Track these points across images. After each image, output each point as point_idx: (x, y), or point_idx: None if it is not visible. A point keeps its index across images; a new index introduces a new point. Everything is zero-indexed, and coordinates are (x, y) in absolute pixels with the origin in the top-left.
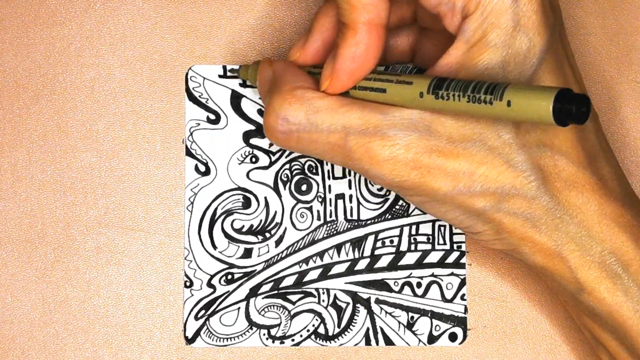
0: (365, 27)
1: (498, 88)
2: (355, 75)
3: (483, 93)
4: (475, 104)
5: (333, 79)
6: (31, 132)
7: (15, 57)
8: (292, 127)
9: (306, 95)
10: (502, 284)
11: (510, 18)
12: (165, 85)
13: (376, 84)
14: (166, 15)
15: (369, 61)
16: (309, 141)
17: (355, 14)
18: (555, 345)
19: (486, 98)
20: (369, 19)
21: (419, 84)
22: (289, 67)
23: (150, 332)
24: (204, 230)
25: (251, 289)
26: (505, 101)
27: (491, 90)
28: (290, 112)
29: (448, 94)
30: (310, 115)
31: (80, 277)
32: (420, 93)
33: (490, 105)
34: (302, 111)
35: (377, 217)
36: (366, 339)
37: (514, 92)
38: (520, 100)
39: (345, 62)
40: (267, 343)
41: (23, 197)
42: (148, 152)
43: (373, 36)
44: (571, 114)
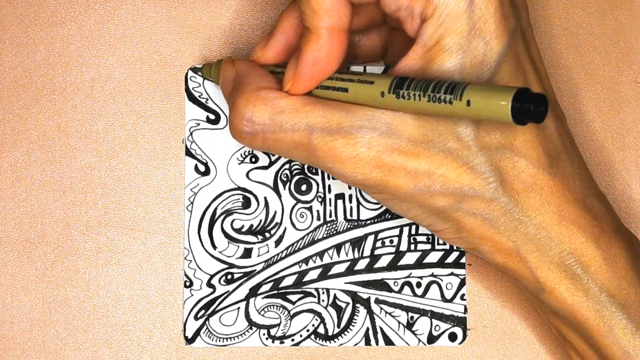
0: (327, 32)
1: (458, 88)
2: (317, 78)
3: (443, 92)
4: (436, 104)
5: (295, 81)
6: (31, 132)
7: (15, 57)
8: (257, 128)
9: (270, 96)
10: (502, 284)
11: (465, 22)
12: (165, 85)
13: (338, 83)
14: (166, 15)
15: (330, 65)
16: (274, 140)
17: (318, 19)
18: (555, 345)
19: (446, 97)
20: (330, 24)
21: (380, 83)
22: (252, 67)
23: (150, 332)
24: (203, 230)
25: (251, 289)
26: (464, 100)
27: (451, 90)
28: (254, 112)
29: (409, 94)
30: (274, 115)
31: (80, 277)
32: (382, 92)
33: (450, 104)
34: (266, 111)
35: (377, 217)
36: (366, 338)
37: (473, 91)
38: (479, 99)
39: (307, 66)
40: (266, 343)
41: (23, 197)
42: (148, 152)
43: (335, 41)
44: (529, 112)
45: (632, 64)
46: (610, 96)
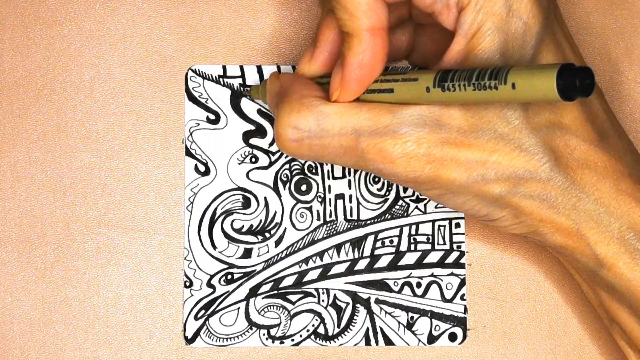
0: (368, 34)
1: (501, 72)
2: (364, 81)
3: (487, 79)
4: (481, 91)
5: (343, 88)
6: (31, 132)
7: (15, 57)
8: (303, 135)
9: (314, 102)
10: (502, 284)
11: (503, 5)
12: (165, 85)
13: (383, 85)
14: (166, 15)
15: (376, 66)
16: (321, 147)
17: (357, 22)
18: (555, 345)
19: (491, 84)
20: (370, 24)
21: (425, 79)
22: (296, 77)
23: (150, 332)
24: (203, 230)
25: (251, 289)
26: (509, 84)
27: (495, 75)
28: (299, 119)
29: (454, 85)
30: (320, 120)
31: (80, 277)
32: (427, 88)
33: (495, 90)
34: (311, 117)
35: (377, 217)
36: (366, 339)
37: (517, 74)
38: (524, 81)
39: (353, 70)
40: (266, 343)
41: (23, 197)
42: (148, 152)
43: (377, 41)
44: (575, 87)
45: (632, 64)
46: (610, 96)
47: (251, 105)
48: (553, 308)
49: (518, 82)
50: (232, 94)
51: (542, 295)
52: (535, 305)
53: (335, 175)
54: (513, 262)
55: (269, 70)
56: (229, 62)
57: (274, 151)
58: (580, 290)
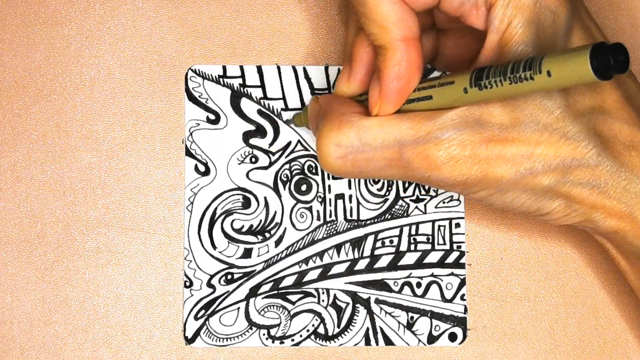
0: (402, 44)
1: (535, 61)
2: (403, 93)
3: (522, 71)
4: (518, 84)
5: (382, 101)
6: (31, 132)
7: (15, 57)
8: (346, 151)
9: (354, 118)
10: (502, 284)
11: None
12: (165, 85)
13: (421, 93)
14: (166, 15)
15: (413, 76)
16: (365, 161)
17: (389, 34)
18: (555, 345)
19: (526, 75)
20: (403, 35)
21: (461, 80)
22: (334, 97)
23: (150, 332)
24: (203, 230)
25: (251, 289)
26: (544, 72)
27: (529, 66)
28: (340, 136)
29: (490, 82)
30: (362, 135)
31: (80, 277)
32: (464, 89)
33: (532, 80)
34: (352, 133)
35: (377, 217)
36: (366, 339)
37: (550, 61)
38: (559, 67)
39: (391, 83)
40: (266, 343)
41: (23, 197)
42: (148, 152)
43: (412, 50)
44: (610, 65)
45: (632, 64)
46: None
47: (251, 105)
48: (553, 308)
49: (553, 69)
50: (232, 94)
51: (542, 295)
52: (535, 305)
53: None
54: (513, 262)
55: (269, 70)
56: (229, 62)
57: (274, 151)
58: (580, 290)
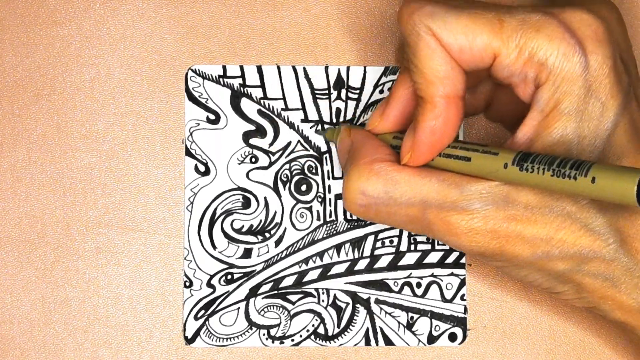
0: (443, 101)
1: (584, 164)
2: (436, 147)
3: (569, 168)
4: (559, 179)
5: (414, 151)
6: (31, 132)
7: (15, 57)
8: (371, 201)
9: (384, 169)
10: (502, 284)
11: (582, 85)
12: (165, 85)
13: (461, 152)
14: (166, 15)
15: (448, 133)
16: (387, 214)
17: (432, 88)
18: (555, 345)
19: (571, 173)
20: (446, 92)
21: (505, 155)
22: (368, 138)
23: (150, 332)
24: (203, 230)
25: (251, 289)
26: (589, 177)
27: (577, 166)
28: (368, 185)
29: (533, 167)
30: (389, 188)
31: (80, 277)
32: (505, 164)
33: (574, 180)
34: (380, 184)
35: None
36: (366, 339)
37: (600, 169)
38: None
39: (425, 135)
40: (266, 343)
41: (23, 197)
42: (148, 152)
43: (452, 109)
44: None
45: None
46: None
47: (251, 105)
48: (553, 308)
49: (599, 178)
50: (232, 94)
51: (542, 295)
52: (535, 305)
53: (335, 175)
54: None
55: (269, 70)
56: (229, 62)
57: (274, 151)
58: None
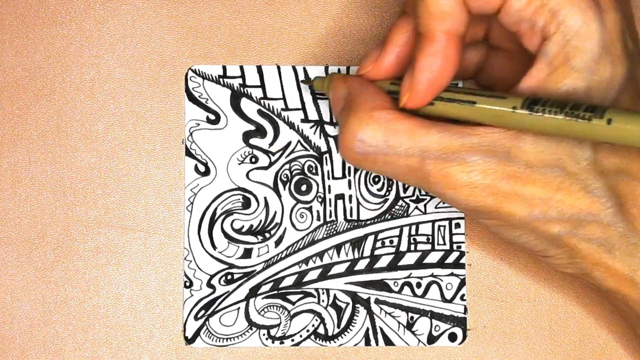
0: (443, 37)
1: (599, 108)
2: (434, 87)
3: (583, 111)
4: (572, 120)
5: (412, 91)
6: (31, 132)
7: (15, 57)
8: (369, 149)
9: (384, 117)
10: (502, 284)
11: (597, 43)
12: (165, 85)
13: (466, 97)
14: (166, 15)
15: (447, 72)
16: (385, 163)
17: (434, 22)
18: (554, 345)
19: (585, 115)
20: (447, 28)
21: (513, 98)
22: (365, 85)
23: (150, 332)
24: (203, 230)
25: (251, 289)
26: (605, 119)
27: (592, 109)
28: (367, 133)
29: (545, 109)
30: (389, 137)
31: (80, 277)
32: (514, 107)
33: (588, 122)
34: (380, 132)
35: (377, 218)
36: (366, 339)
37: (616, 112)
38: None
39: (423, 73)
40: (266, 343)
41: (23, 197)
42: (148, 152)
43: (451, 46)
44: None
45: None
46: None
47: (251, 105)
48: (553, 308)
49: (615, 120)
50: (232, 94)
51: (542, 295)
52: (535, 305)
53: (335, 176)
54: (513, 262)
55: (269, 70)
56: (229, 62)
57: (274, 151)
58: (580, 290)
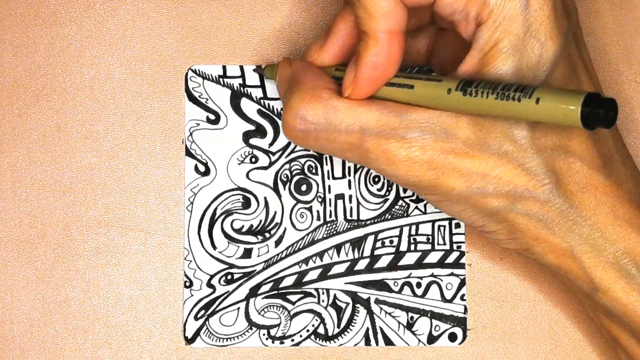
0: (385, 36)
1: (528, 88)
2: (377, 82)
3: (513, 91)
4: (503, 101)
5: (355, 86)
6: (31, 132)
7: (15, 57)
8: (310, 127)
9: (324, 95)
10: (502, 284)
11: (521, 24)
12: (165, 85)
13: (404, 81)
14: (166, 15)
15: (390, 68)
16: (327, 140)
17: (375, 23)
18: (554, 345)
19: (515, 95)
20: (388, 27)
21: (448, 81)
22: (309, 67)
23: (150, 332)
24: (203, 230)
25: (251, 289)
26: (534, 98)
27: (521, 89)
28: (308, 111)
29: (477, 91)
30: (329, 114)
31: (80, 277)
32: (449, 89)
33: (517, 102)
34: (320, 110)
35: (377, 217)
36: (366, 339)
37: (544, 91)
38: (549, 99)
39: (367, 70)
40: (266, 343)
41: (23, 197)
42: (148, 152)
43: (394, 44)
44: (599, 117)
45: (632, 64)
46: (610, 96)
47: (251, 105)
48: (553, 308)
49: (543, 99)
50: (232, 94)
51: (542, 295)
52: (535, 305)
53: (335, 176)
54: (513, 262)
55: None
56: (229, 62)
57: (274, 151)
58: None
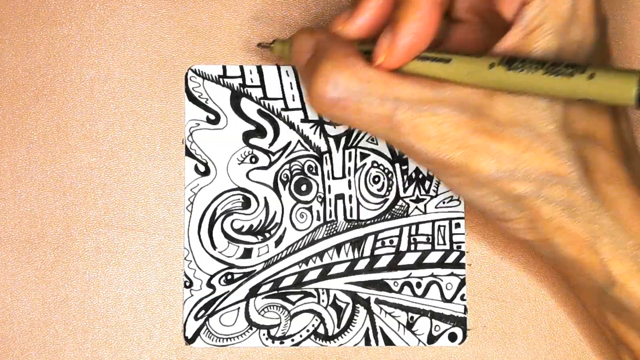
0: (428, 3)
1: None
2: (413, 51)
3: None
4: (552, 77)
5: (389, 54)
6: (31, 132)
7: (15, 57)
8: (341, 95)
9: (358, 64)
10: (502, 284)
11: (569, 7)
12: (164, 85)
13: (440, 55)
14: (166, 15)
15: (427, 38)
16: (355, 111)
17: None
18: (554, 345)
19: (567, 70)
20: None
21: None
22: (336, 36)
23: (150, 332)
24: (203, 230)
25: (251, 289)
26: (587, 74)
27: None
28: (341, 77)
29: (524, 66)
30: (363, 84)
31: (80, 277)
32: (491, 64)
33: (569, 77)
34: (354, 79)
35: (377, 217)
36: (366, 339)
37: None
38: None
39: (405, 37)
40: (266, 343)
41: (23, 197)
42: (148, 152)
43: (434, 13)
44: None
45: (632, 64)
46: None
47: (251, 105)
48: (553, 308)
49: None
50: (232, 94)
51: (542, 295)
52: (535, 305)
53: (335, 176)
54: (513, 262)
55: (269, 70)
56: (229, 62)
57: (274, 151)
58: None
